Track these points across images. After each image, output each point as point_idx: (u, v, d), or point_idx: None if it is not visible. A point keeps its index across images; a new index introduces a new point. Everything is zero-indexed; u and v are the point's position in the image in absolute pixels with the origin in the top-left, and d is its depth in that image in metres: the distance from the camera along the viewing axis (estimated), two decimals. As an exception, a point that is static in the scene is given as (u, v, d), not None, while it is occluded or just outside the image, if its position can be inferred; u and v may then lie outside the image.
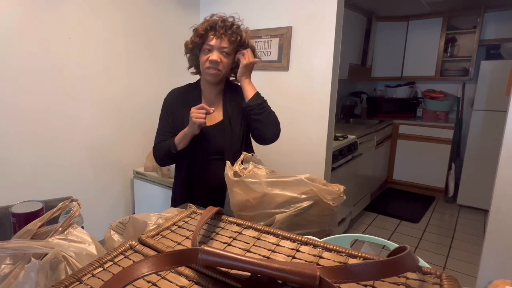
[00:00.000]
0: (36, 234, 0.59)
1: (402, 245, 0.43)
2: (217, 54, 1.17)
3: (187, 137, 1.18)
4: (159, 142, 1.29)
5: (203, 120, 1.12)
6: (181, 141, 1.20)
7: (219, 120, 1.27)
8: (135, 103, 2.10)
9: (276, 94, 2.11)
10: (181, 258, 0.43)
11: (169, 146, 1.22)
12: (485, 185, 3.11)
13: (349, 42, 3.09)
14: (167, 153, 1.24)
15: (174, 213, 0.76)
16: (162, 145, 1.26)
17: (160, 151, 1.27)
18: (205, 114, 1.12)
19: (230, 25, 1.18)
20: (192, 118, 1.12)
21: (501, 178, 1.49)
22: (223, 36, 1.17)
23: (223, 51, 1.18)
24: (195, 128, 1.14)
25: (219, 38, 1.17)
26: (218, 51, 1.17)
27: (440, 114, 3.70)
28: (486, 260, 1.57)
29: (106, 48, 1.89)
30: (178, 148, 1.21)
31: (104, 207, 2.04)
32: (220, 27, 1.17)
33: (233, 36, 1.18)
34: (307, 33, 1.98)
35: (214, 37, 1.17)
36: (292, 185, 0.81)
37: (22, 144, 1.60)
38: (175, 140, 1.21)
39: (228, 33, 1.17)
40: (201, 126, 1.15)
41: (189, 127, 1.16)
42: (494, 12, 3.35)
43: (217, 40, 1.17)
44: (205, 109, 1.12)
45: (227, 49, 1.19)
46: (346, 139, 2.58)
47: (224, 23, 1.18)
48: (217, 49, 1.17)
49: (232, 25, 1.19)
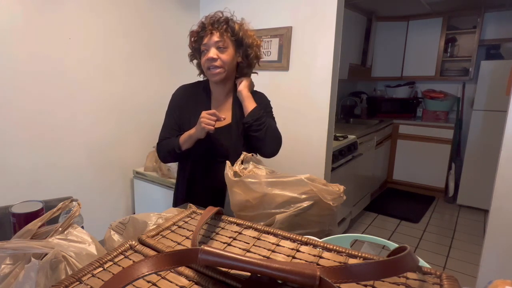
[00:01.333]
0: (36, 234, 0.59)
1: (402, 245, 0.43)
2: (214, 51, 1.17)
3: (192, 139, 1.17)
4: (164, 138, 1.28)
5: (212, 127, 1.10)
6: (186, 142, 1.19)
7: (227, 122, 1.25)
8: (135, 103, 2.10)
9: (276, 94, 2.10)
10: (181, 258, 0.43)
11: (174, 145, 1.21)
12: (485, 185, 3.11)
13: (349, 42, 3.09)
14: (171, 152, 1.23)
15: (174, 213, 0.76)
16: (167, 142, 1.26)
17: (164, 148, 1.27)
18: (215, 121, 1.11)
19: (217, 19, 1.19)
20: (201, 122, 1.11)
21: (501, 178, 1.49)
22: (213, 32, 1.17)
23: (218, 46, 1.18)
24: (203, 133, 1.13)
25: (209, 34, 1.17)
26: (214, 48, 1.17)
27: (440, 114, 3.70)
28: (486, 260, 1.57)
29: (106, 48, 1.89)
30: (182, 149, 1.20)
31: (104, 207, 2.04)
32: (208, 24, 1.18)
33: (222, 28, 1.18)
34: (307, 33, 1.98)
35: (207, 35, 1.18)
36: (292, 185, 0.81)
37: (22, 144, 1.60)
38: (180, 140, 1.20)
39: (215, 27, 1.18)
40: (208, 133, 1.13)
41: (196, 130, 1.15)
42: (494, 12, 3.35)
43: (209, 37, 1.17)
44: (216, 116, 1.10)
45: (221, 42, 1.17)
46: (346, 139, 2.58)
47: (212, 20, 1.19)
48: (212, 46, 1.17)
49: (219, 18, 1.20)
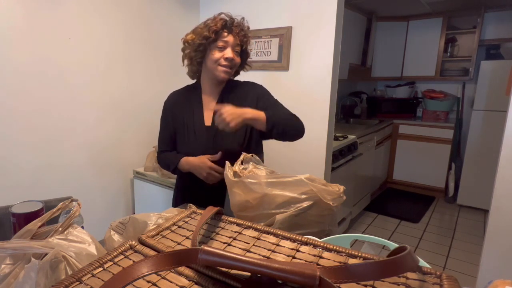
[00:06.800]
0: (36, 234, 0.59)
1: (402, 245, 0.43)
2: (231, 51, 1.18)
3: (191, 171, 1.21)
4: (162, 150, 1.31)
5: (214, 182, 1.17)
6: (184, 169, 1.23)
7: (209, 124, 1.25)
8: (135, 103, 2.10)
9: (276, 94, 2.10)
10: (181, 258, 0.43)
11: (172, 162, 1.25)
12: (485, 185, 3.11)
13: (349, 42, 3.09)
14: (169, 167, 1.28)
15: (174, 213, 0.76)
16: (166, 156, 1.29)
17: (164, 162, 1.31)
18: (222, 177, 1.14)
19: (242, 26, 1.20)
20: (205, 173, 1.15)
21: (501, 178, 1.49)
22: (237, 35, 1.18)
23: (235, 50, 1.19)
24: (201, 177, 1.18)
25: (234, 36, 1.17)
26: (232, 49, 1.18)
27: (440, 114, 3.70)
28: (486, 260, 1.57)
29: (106, 48, 1.89)
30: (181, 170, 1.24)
31: (104, 207, 2.04)
32: (235, 26, 1.18)
33: (245, 37, 1.21)
34: (307, 33, 1.98)
35: (230, 34, 1.17)
36: (292, 185, 0.81)
37: (22, 144, 1.60)
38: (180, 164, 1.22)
39: (241, 33, 1.19)
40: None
41: (196, 172, 1.18)
42: (494, 12, 3.36)
43: (233, 37, 1.17)
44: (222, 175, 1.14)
45: (238, 47, 1.20)
46: (346, 139, 2.58)
47: (238, 23, 1.20)
48: (231, 47, 1.17)
49: (244, 25, 1.21)
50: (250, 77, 1.38)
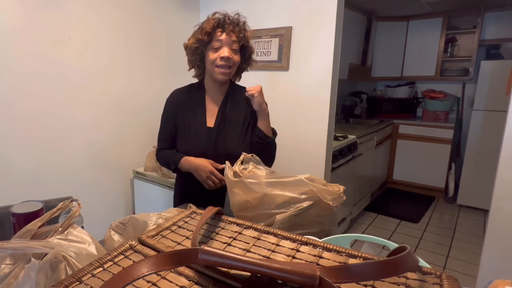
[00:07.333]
0: (36, 234, 0.59)
1: (402, 245, 0.43)
2: (228, 50, 1.16)
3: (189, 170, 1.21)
4: (161, 148, 1.30)
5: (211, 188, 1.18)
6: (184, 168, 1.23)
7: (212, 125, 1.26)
8: (135, 103, 2.10)
9: (276, 94, 2.11)
10: (181, 258, 0.43)
11: (171, 160, 1.24)
12: (485, 185, 3.11)
13: (349, 42, 3.09)
14: (169, 165, 1.27)
15: (174, 213, 0.76)
16: (165, 154, 1.28)
17: (163, 159, 1.30)
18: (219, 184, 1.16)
19: (237, 22, 1.18)
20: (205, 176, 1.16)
21: (501, 178, 1.49)
22: (231, 33, 1.16)
23: (232, 48, 1.17)
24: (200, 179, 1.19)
25: (228, 34, 1.15)
26: (228, 47, 1.16)
27: (440, 114, 3.71)
28: (486, 260, 1.57)
29: (106, 48, 1.89)
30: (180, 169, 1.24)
31: (104, 207, 2.04)
32: (228, 24, 1.16)
33: (241, 32, 1.18)
34: (307, 33, 1.98)
35: (223, 33, 1.15)
36: (292, 185, 0.81)
37: (22, 144, 1.60)
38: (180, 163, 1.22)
39: (236, 30, 1.17)
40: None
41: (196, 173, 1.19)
42: (494, 12, 3.35)
43: (227, 36, 1.15)
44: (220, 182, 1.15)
45: (236, 45, 1.17)
46: (346, 139, 2.58)
47: (231, 20, 1.18)
48: (227, 45, 1.16)
49: (239, 21, 1.19)
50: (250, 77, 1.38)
